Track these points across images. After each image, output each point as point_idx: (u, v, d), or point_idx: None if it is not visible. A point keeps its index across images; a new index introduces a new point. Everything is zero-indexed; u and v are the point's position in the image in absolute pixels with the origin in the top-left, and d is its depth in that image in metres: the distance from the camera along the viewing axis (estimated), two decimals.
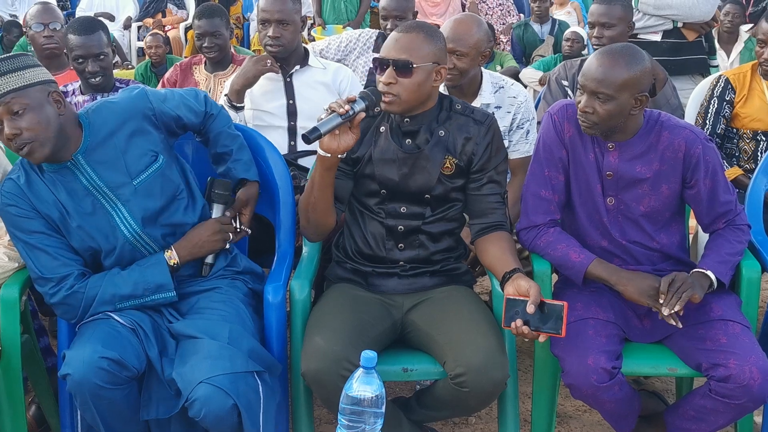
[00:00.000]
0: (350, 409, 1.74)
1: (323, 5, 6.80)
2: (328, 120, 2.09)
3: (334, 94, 3.13)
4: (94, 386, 2.02)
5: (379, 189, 2.34)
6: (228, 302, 2.28)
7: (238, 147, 2.46)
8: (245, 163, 2.45)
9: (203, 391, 2.01)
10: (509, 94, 2.95)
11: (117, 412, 2.11)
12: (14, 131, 2.08)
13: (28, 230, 2.20)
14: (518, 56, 6.51)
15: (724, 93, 3.21)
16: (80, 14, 7.82)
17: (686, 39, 3.87)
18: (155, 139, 2.30)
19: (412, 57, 2.19)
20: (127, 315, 2.18)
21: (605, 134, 2.31)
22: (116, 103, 2.30)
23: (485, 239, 2.35)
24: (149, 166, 2.27)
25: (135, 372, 2.08)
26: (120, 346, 2.07)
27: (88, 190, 2.22)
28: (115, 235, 2.24)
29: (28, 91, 2.10)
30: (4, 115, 2.08)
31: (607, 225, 2.37)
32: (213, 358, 2.06)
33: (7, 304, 2.26)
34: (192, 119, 2.40)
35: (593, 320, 2.27)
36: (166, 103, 2.35)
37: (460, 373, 2.11)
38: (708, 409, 2.19)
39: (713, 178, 2.32)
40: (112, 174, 2.23)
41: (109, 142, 2.24)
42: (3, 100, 2.07)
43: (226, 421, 2.03)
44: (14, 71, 2.09)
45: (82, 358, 2.03)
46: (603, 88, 2.21)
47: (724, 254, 2.31)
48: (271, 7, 3.06)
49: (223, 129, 2.46)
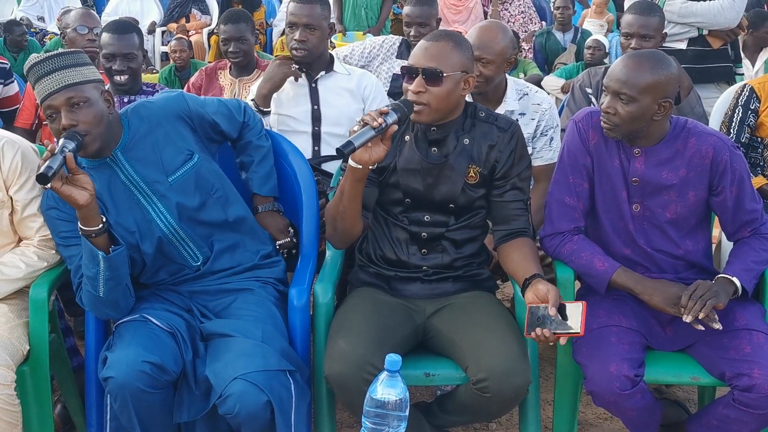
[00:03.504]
0: (374, 412, 1.75)
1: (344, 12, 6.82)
2: (362, 133, 2.09)
3: (359, 100, 3.15)
4: (137, 390, 2.05)
5: (403, 198, 2.35)
6: (260, 303, 2.31)
7: (260, 159, 2.52)
8: (262, 177, 2.52)
9: (238, 387, 2.03)
10: (533, 101, 2.95)
11: (153, 416, 2.13)
12: (71, 122, 2.13)
13: (66, 235, 2.25)
14: (540, 64, 6.50)
15: (748, 102, 3.20)
16: (105, 19, 7.91)
17: (711, 47, 3.85)
18: (190, 139, 2.35)
19: (441, 65, 2.20)
20: (164, 318, 2.21)
21: (628, 138, 2.31)
22: (154, 103, 2.37)
23: (508, 245, 2.35)
24: (184, 164, 2.32)
25: (174, 376, 2.12)
26: (161, 350, 2.11)
27: (125, 185, 2.27)
28: (151, 229, 2.28)
29: (87, 87, 2.17)
30: (62, 106, 2.13)
31: (632, 232, 2.37)
32: (247, 356, 2.09)
33: (36, 304, 2.29)
34: (229, 127, 2.47)
35: (616, 328, 2.27)
36: (204, 107, 2.42)
37: (482, 379, 2.11)
38: (731, 418, 2.18)
39: (740, 185, 2.31)
40: (148, 170, 2.28)
41: (146, 140, 2.30)
42: (64, 93, 2.13)
43: (259, 418, 2.05)
44: (74, 66, 2.17)
45: (125, 361, 2.06)
46: (626, 89, 2.22)
47: (749, 262, 2.30)
48: (299, 11, 3.08)
49: (252, 139, 2.52)
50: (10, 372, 2.17)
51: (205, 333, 2.24)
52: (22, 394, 2.24)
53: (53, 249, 2.40)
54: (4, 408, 2.16)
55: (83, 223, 2.12)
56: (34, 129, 3.81)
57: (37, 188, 2.35)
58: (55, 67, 2.14)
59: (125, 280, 2.22)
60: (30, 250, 2.38)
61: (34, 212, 2.36)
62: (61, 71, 2.14)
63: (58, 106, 2.13)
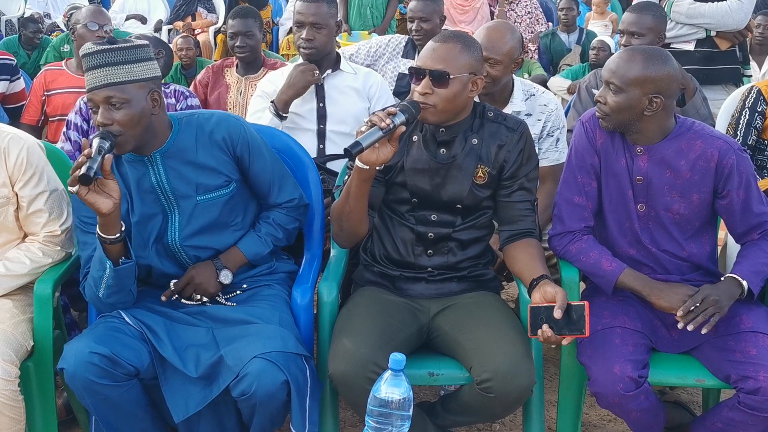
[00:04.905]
0: (378, 411, 1.75)
1: (350, 11, 6.82)
2: (370, 134, 2.08)
3: (364, 99, 3.15)
4: (88, 381, 2.04)
5: (410, 197, 2.34)
6: (277, 296, 2.33)
7: (274, 233, 2.40)
8: (257, 242, 2.37)
9: (256, 366, 2.03)
10: (540, 102, 2.95)
11: (122, 414, 2.12)
12: (106, 121, 2.11)
13: (86, 220, 2.23)
14: (545, 65, 6.48)
15: (755, 104, 3.18)
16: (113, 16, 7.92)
17: (719, 48, 3.85)
18: (232, 168, 2.31)
19: (448, 67, 2.19)
20: (137, 317, 2.19)
21: (623, 131, 2.32)
22: (209, 121, 2.31)
23: (514, 246, 2.35)
24: (218, 189, 2.29)
25: (132, 370, 2.09)
26: (115, 343, 2.09)
27: (153, 189, 2.26)
28: (165, 239, 2.29)
29: (130, 87, 2.13)
30: (102, 102, 2.11)
31: (637, 231, 2.36)
32: (266, 338, 2.09)
33: (40, 300, 2.29)
34: (263, 191, 2.39)
35: (620, 329, 2.26)
36: (253, 155, 2.33)
37: (486, 379, 2.11)
38: (736, 421, 2.17)
39: (747, 188, 2.30)
40: (180, 183, 2.26)
41: (189, 153, 2.27)
42: (105, 90, 2.10)
43: (276, 399, 2.04)
44: (126, 63, 2.12)
45: (75, 352, 2.06)
46: (614, 78, 2.25)
47: (758, 264, 2.29)
48: (306, 10, 3.08)
49: (289, 218, 2.43)
50: (14, 368, 2.17)
51: (221, 319, 2.23)
52: (26, 389, 2.25)
53: (58, 245, 2.40)
54: (7, 404, 2.16)
55: (102, 229, 2.10)
56: (40, 125, 3.83)
57: (42, 184, 2.36)
58: (102, 62, 2.10)
59: (128, 288, 2.20)
60: (35, 246, 2.38)
61: (40, 208, 2.36)
62: (108, 68, 2.10)
63: (97, 102, 2.12)
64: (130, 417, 2.15)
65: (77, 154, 3.10)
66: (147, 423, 2.19)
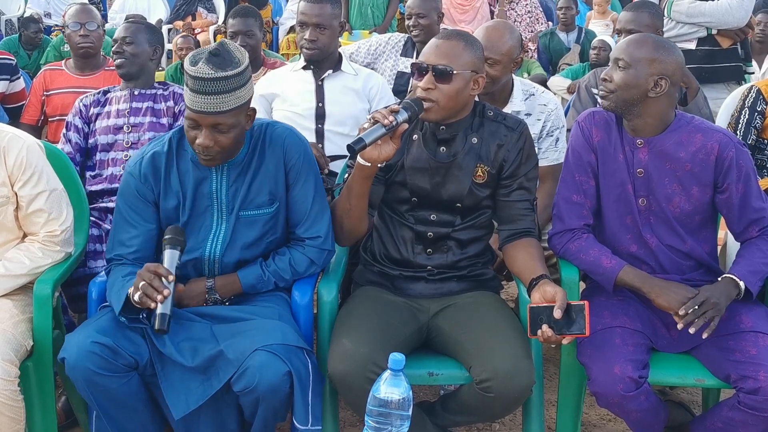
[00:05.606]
0: (377, 411, 1.75)
1: (350, 11, 6.83)
2: (372, 130, 2.09)
3: (364, 100, 3.16)
4: (89, 371, 2.05)
5: (410, 196, 2.35)
6: (277, 296, 2.33)
7: (283, 272, 2.33)
8: (258, 276, 2.31)
9: (258, 358, 2.03)
10: (540, 101, 2.95)
11: (122, 407, 2.13)
12: (209, 143, 2.13)
13: (131, 203, 2.25)
14: (544, 64, 6.48)
15: (755, 103, 3.18)
16: (113, 16, 7.92)
17: (720, 46, 3.84)
18: (281, 188, 2.31)
19: (451, 63, 2.20)
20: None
21: (623, 113, 2.32)
22: (275, 140, 2.30)
23: (513, 245, 2.35)
24: (261, 207, 2.29)
25: (132, 361, 2.10)
26: (116, 334, 2.10)
27: (209, 194, 2.27)
28: (203, 246, 2.28)
29: (236, 112, 2.14)
30: (207, 126, 2.12)
31: (639, 226, 2.36)
32: (267, 332, 2.10)
33: (40, 300, 2.29)
34: (296, 220, 2.33)
35: (620, 329, 2.26)
36: (301, 177, 2.30)
37: (486, 379, 2.11)
38: (736, 421, 2.17)
39: (746, 182, 2.30)
40: (229, 194, 2.27)
41: (250, 168, 2.28)
42: (214, 117, 2.11)
43: (279, 392, 2.04)
44: (236, 89, 2.12)
45: (77, 342, 2.07)
46: (624, 55, 2.27)
47: (756, 263, 2.29)
48: (309, 10, 3.09)
49: (287, 261, 2.34)
50: (14, 367, 2.17)
51: (220, 317, 2.23)
52: (26, 389, 2.25)
53: (58, 245, 2.40)
54: (7, 403, 2.16)
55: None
56: (40, 125, 3.82)
57: (42, 184, 2.35)
58: (216, 89, 2.09)
59: None
60: (35, 246, 2.38)
61: (39, 208, 2.36)
62: (220, 95, 2.09)
63: (201, 123, 2.13)
64: (130, 410, 2.15)
65: (77, 155, 3.10)
66: (146, 417, 2.19)
